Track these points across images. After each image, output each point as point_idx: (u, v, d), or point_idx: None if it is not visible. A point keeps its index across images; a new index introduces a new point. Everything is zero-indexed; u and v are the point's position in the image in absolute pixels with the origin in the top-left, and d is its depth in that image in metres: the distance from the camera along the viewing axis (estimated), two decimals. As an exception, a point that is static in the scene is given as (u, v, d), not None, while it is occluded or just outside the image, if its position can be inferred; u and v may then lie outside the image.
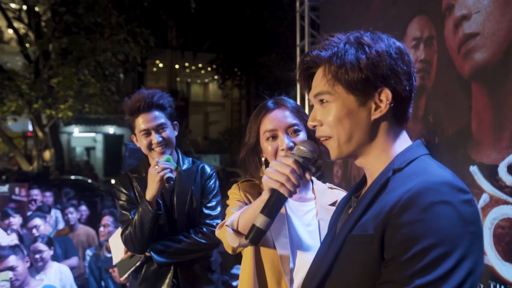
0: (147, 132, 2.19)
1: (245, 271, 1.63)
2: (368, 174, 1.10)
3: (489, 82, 2.31)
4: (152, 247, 2.17)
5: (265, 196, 1.23)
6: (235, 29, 16.69)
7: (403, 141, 1.06)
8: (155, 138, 2.18)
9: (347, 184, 4.58)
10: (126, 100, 2.26)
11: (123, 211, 2.25)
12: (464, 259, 0.84)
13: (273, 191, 1.17)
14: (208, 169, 2.39)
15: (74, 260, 4.64)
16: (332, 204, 1.64)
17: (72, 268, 4.18)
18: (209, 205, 2.30)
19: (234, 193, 1.70)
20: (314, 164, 1.63)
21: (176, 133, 2.31)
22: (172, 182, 2.06)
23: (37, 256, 3.71)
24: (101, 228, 4.42)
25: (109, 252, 4.11)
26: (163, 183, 2.07)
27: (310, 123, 1.10)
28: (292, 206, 1.65)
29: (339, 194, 1.69)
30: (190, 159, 2.44)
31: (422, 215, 0.86)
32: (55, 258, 4.31)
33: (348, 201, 1.18)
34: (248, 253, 1.62)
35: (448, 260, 0.83)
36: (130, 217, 2.20)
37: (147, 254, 2.20)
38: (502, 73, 2.21)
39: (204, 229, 2.22)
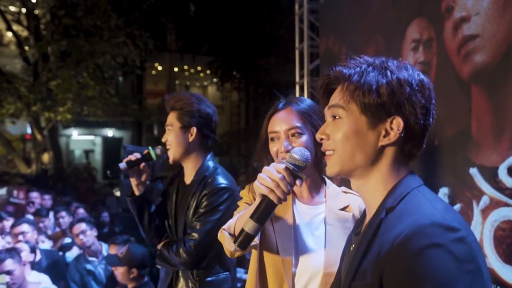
0: None
1: (250, 273, 1.62)
2: (366, 206, 1.10)
3: (489, 84, 2.30)
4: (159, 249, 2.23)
5: (257, 201, 1.23)
6: (234, 32, 16.68)
7: (400, 174, 1.04)
8: None
9: (346, 187, 4.54)
10: None
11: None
12: None
13: (263, 197, 1.17)
14: (213, 184, 2.14)
15: None
16: (343, 209, 1.60)
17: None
18: (196, 222, 2.12)
19: (244, 195, 1.68)
20: (309, 172, 1.60)
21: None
22: (121, 167, 2.14)
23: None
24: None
25: (92, 256, 4.05)
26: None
27: (318, 136, 1.10)
28: (300, 209, 1.62)
29: (353, 198, 1.64)
30: (211, 167, 2.21)
31: (413, 262, 0.84)
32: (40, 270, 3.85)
33: (350, 239, 1.17)
34: (253, 256, 1.61)
35: None
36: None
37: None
38: (501, 75, 2.21)
39: (186, 245, 2.09)
